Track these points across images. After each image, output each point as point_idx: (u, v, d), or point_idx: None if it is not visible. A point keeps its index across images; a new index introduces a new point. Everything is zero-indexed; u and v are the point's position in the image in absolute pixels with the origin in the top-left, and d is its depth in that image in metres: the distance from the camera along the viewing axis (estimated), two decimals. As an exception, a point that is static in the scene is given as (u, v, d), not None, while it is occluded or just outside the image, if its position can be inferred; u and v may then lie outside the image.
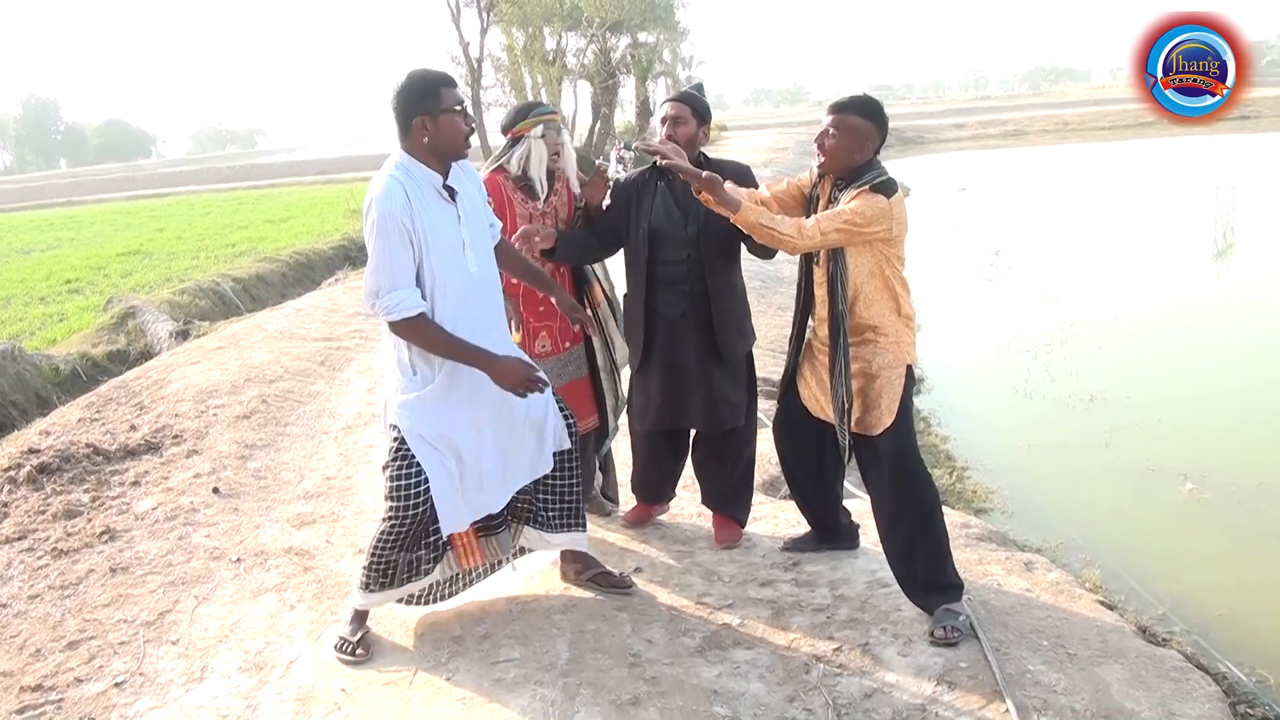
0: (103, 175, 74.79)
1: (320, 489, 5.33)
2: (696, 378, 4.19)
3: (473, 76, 27.21)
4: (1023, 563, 4.24)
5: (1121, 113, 45.69)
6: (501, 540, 3.75)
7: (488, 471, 3.56)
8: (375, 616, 3.79)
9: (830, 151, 3.63)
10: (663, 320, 4.19)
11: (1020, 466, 6.85)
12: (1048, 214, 19.22)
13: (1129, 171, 26.40)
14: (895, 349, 3.64)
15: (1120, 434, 7.08)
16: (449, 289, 3.35)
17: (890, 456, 3.64)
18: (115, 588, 4.30)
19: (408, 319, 3.25)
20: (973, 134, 48.65)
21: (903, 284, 3.68)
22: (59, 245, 24.48)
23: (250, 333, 9.20)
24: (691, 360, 4.18)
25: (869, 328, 3.64)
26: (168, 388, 7.13)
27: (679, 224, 4.10)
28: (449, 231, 3.36)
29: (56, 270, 18.49)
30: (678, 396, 4.23)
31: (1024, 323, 10.43)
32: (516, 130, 4.17)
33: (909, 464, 3.64)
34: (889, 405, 3.61)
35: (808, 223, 3.51)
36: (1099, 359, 8.97)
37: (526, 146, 4.16)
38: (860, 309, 3.64)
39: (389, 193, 3.23)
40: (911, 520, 3.63)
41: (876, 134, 3.63)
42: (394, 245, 3.21)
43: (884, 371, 3.63)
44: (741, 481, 4.44)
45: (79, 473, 5.54)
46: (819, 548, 4.24)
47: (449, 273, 3.34)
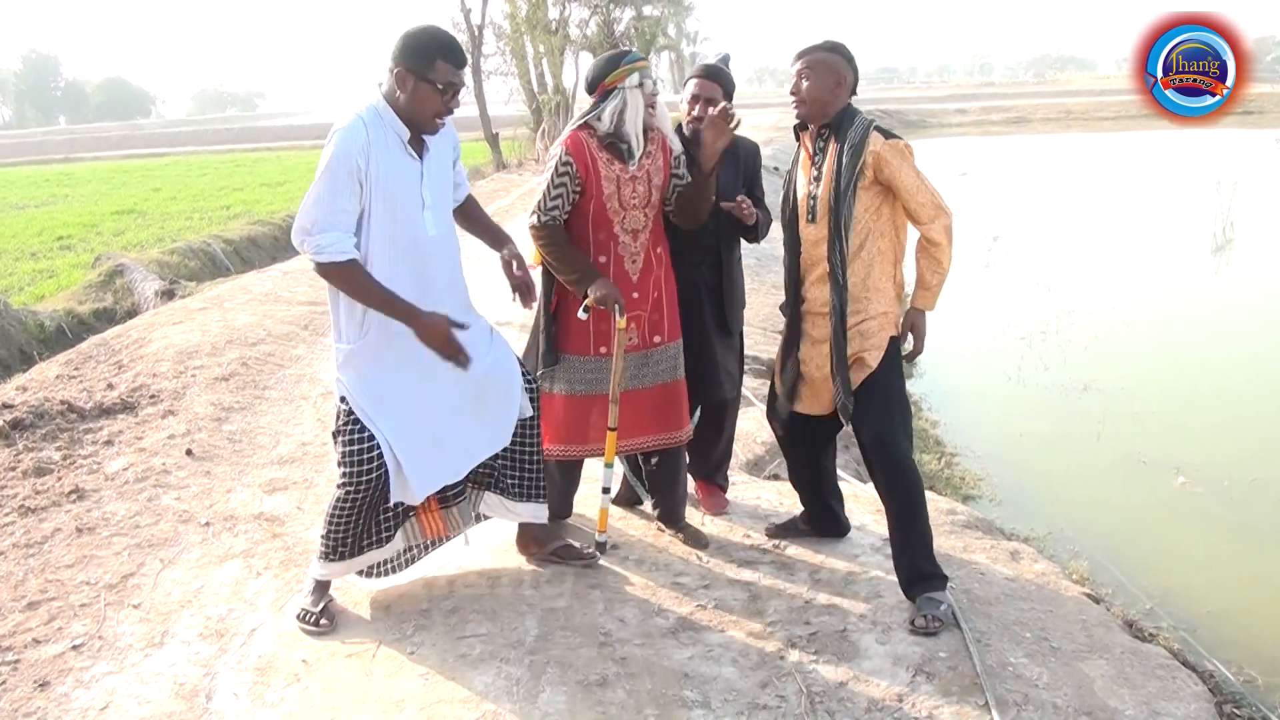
0: (101, 133, 74.25)
1: (295, 454, 5.22)
2: (700, 348, 4.07)
3: (473, 43, 26.88)
4: (1009, 552, 4.15)
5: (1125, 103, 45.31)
6: (462, 511, 3.66)
7: (445, 438, 3.43)
8: (340, 587, 3.68)
9: (807, 94, 3.51)
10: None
11: (1011, 454, 6.76)
12: (1047, 201, 19.07)
13: (1130, 162, 26.23)
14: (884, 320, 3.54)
15: (1113, 424, 6.99)
16: (400, 247, 3.21)
17: (870, 441, 3.53)
18: (80, 548, 4.19)
19: (336, 263, 3.09)
20: (975, 120, 48.34)
21: (902, 247, 3.59)
22: (54, 202, 24.28)
23: (235, 294, 9.07)
24: (697, 331, 4.06)
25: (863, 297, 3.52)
26: (148, 347, 7.01)
27: None
28: (408, 187, 3.22)
29: (49, 226, 18.32)
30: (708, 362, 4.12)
31: (1020, 310, 10.33)
32: (608, 82, 3.66)
33: (893, 452, 3.51)
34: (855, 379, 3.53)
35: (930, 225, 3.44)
36: (1094, 348, 8.87)
37: (620, 99, 3.65)
38: (858, 271, 3.51)
39: (351, 129, 3.10)
40: (895, 506, 3.54)
41: (848, 69, 3.52)
42: (340, 183, 3.07)
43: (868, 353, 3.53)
44: (726, 450, 4.39)
45: (52, 430, 5.42)
46: (805, 533, 4.14)
47: (401, 230, 3.21)
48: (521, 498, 3.76)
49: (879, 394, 3.51)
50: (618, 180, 3.71)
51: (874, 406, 3.50)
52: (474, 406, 3.50)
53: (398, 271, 3.21)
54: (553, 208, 3.71)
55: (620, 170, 3.71)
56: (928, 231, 3.47)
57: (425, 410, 3.37)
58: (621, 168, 3.71)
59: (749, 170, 4.16)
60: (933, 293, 3.54)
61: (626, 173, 3.71)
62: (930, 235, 3.47)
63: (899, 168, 3.43)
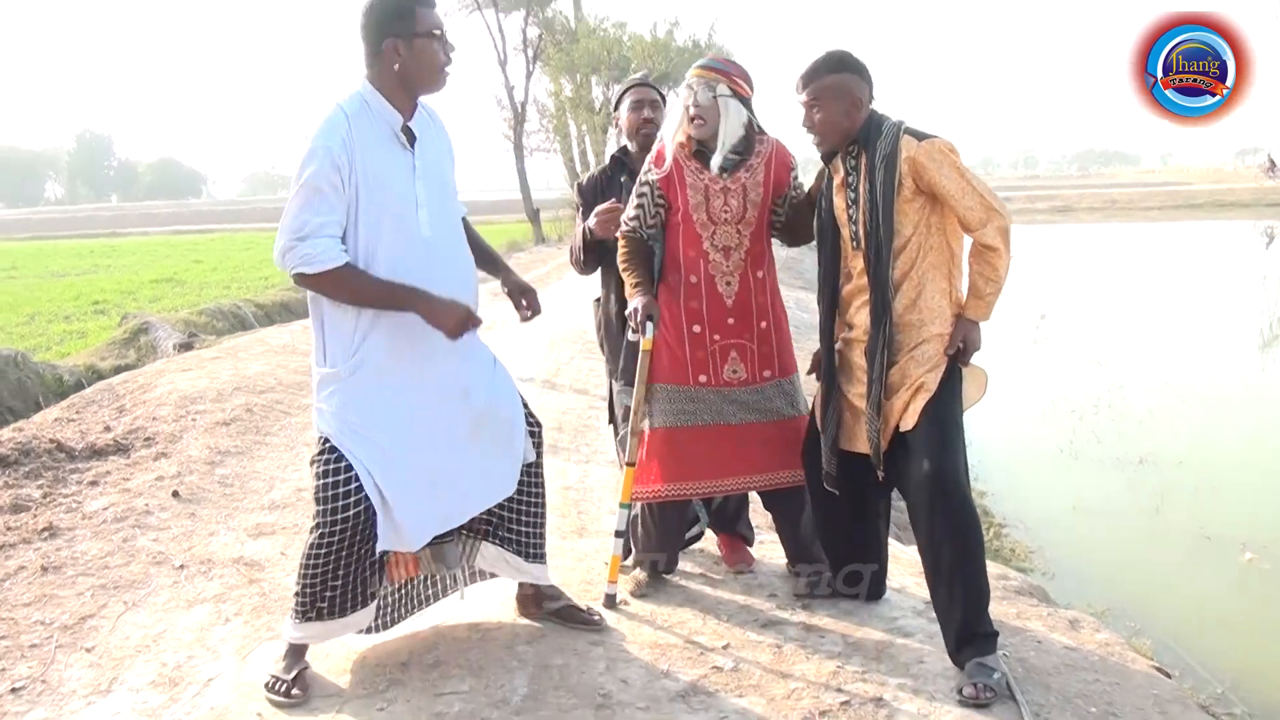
0: (149, 209, 75.80)
1: (288, 500, 4.86)
2: None
3: (516, 120, 27.11)
4: (1067, 620, 3.68)
5: (1171, 193, 45.15)
6: (445, 553, 3.23)
7: (440, 478, 3.02)
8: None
9: (822, 126, 3.14)
10: None
11: (1064, 526, 6.28)
12: (1094, 283, 18.66)
13: (1176, 251, 25.78)
14: (941, 341, 3.13)
15: (1172, 498, 6.50)
16: (392, 252, 2.84)
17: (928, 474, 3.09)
18: (42, 587, 3.83)
19: (328, 271, 2.73)
20: (1020, 208, 47.97)
21: (957, 257, 3.19)
22: (94, 271, 24.47)
23: (251, 345, 8.83)
24: None
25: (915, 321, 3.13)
26: (152, 392, 6.73)
27: None
28: (399, 184, 2.87)
29: (86, 292, 18.34)
30: None
31: (1070, 384, 9.89)
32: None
33: (949, 484, 3.07)
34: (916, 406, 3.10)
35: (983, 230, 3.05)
36: (1149, 423, 8.38)
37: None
38: (908, 293, 3.12)
39: (330, 122, 2.76)
40: (950, 552, 3.08)
41: (862, 84, 3.14)
42: (321, 189, 2.72)
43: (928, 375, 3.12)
44: (744, 497, 3.93)
45: (36, 468, 5.11)
46: (838, 595, 3.67)
47: (392, 233, 2.84)
48: (524, 554, 3.33)
49: (938, 421, 3.07)
50: (706, 191, 3.46)
51: (933, 435, 3.06)
52: (474, 444, 3.10)
53: (391, 277, 2.85)
54: (632, 218, 3.54)
55: (710, 180, 3.45)
56: (981, 237, 3.06)
57: (418, 444, 2.96)
58: (712, 178, 3.45)
59: None
60: (987, 303, 3.12)
61: (717, 184, 3.45)
62: (984, 240, 3.06)
63: (938, 171, 3.04)
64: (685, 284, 3.51)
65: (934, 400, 3.08)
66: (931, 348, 3.12)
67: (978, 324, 3.17)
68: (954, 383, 3.15)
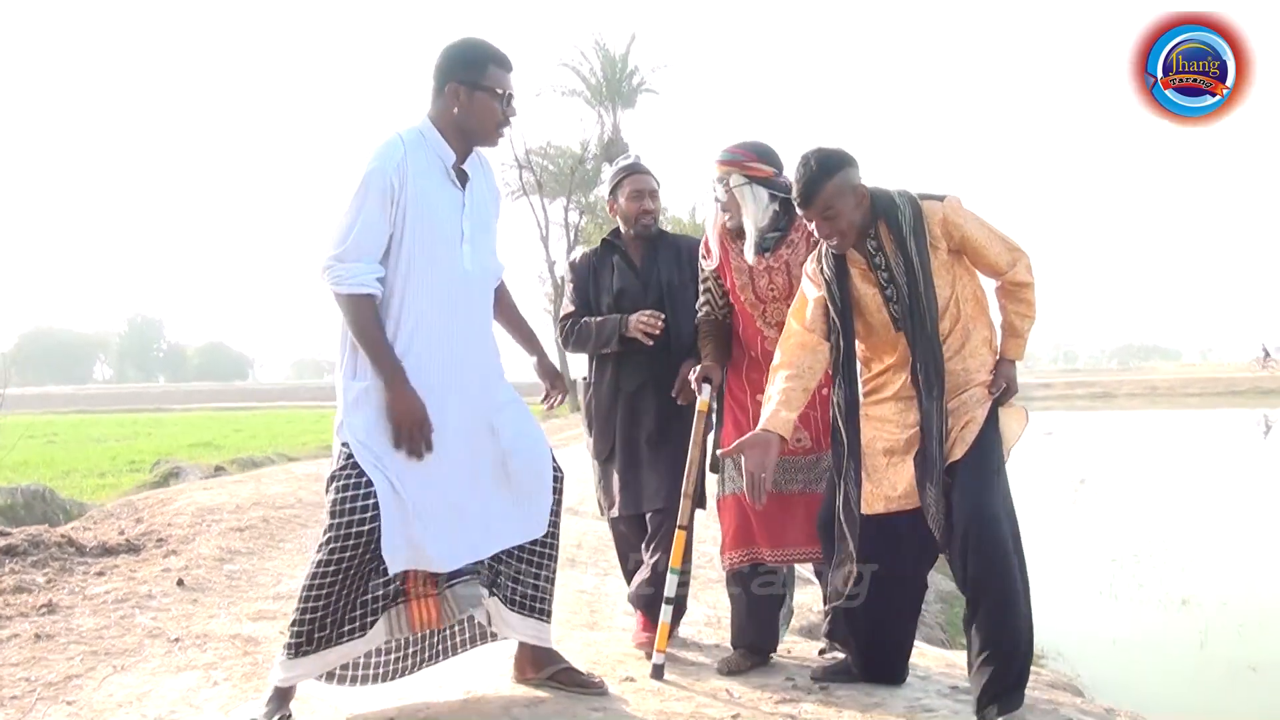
0: (195, 388, 77.16)
1: (294, 591, 4.71)
2: (653, 453, 3.80)
3: (556, 294, 27.79)
4: (1103, 708, 3.47)
5: (1212, 379, 44.91)
6: (462, 593, 3.11)
7: (467, 507, 2.96)
8: (303, 696, 3.10)
9: (841, 232, 3.10)
10: (622, 396, 3.88)
11: (1104, 660, 5.97)
12: (1134, 456, 18.35)
13: (1218, 434, 25.41)
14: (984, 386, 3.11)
15: (1217, 634, 6.19)
16: (433, 280, 2.90)
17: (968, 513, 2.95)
18: (33, 651, 3.71)
19: (354, 295, 2.81)
20: (1060, 394, 47.80)
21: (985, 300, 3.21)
22: (135, 438, 24.73)
23: (276, 473, 8.83)
24: (647, 435, 3.83)
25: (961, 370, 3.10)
26: (171, 505, 6.70)
27: (640, 294, 3.88)
28: (446, 215, 2.94)
29: (123, 454, 18.48)
30: (637, 477, 3.83)
31: (1110, 535, 9.58)
32: None
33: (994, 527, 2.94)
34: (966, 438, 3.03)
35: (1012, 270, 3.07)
36: (1191, 568, 8.06)
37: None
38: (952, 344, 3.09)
39: (388, 147, 2.88)
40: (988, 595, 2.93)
41: (853, 170, 3.11)
42: (372, 206, 2.81)
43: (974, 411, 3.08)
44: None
45: (44, 558, 5.03)
46: (857, 679, 3.47)
47: (436, 262, 2.91)
48: (524, 610, 3.19)
49: (979, 455, 3.01)
50: (750, 273, 3.56)
51: (973, 470, 2.99)
52: (502, 481, 3.07)
53: (427, 307, 2.91)
54: (703, 303, 3.74)
55: (756, 262, 3.53)
56: (1013, 276, 3.10)
57: (444, 472, 2.92)
58: (743, 261, 3.55)
59: (695, 263, 3.86)
60: (1024, 341, 3.17)
61: (761, 264, 3.53)
62: (1016, 279, 3.10)
63: (966, 223, 3.07)
64: (748, 358, 3.64)
65: (980, 433, 3.03)
66: (980, 392, 3.11)
67: (1014, 364, 3.14)
68: (995, 422, 3.10)
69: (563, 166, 30.53)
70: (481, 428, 3.04)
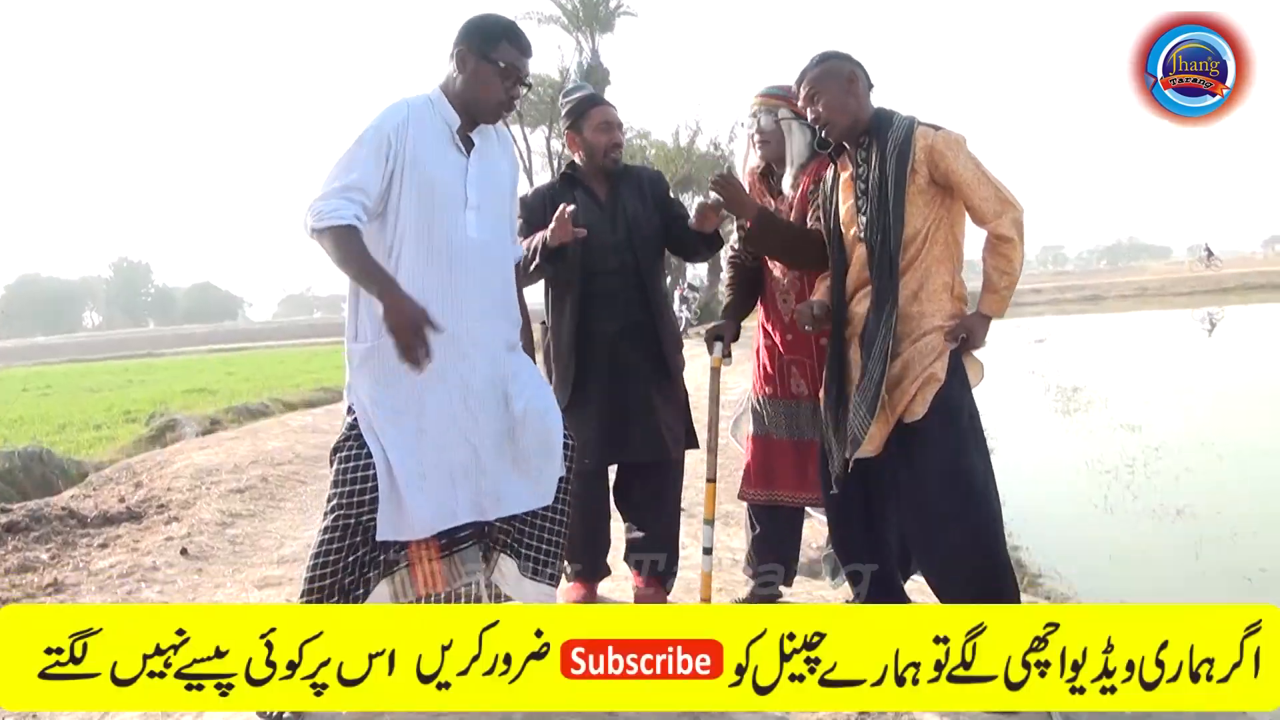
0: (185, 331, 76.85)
1: (298, 554, 4.76)
2: (638, 403, 3.67)
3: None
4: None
5: (1200, 279, 45.10)
6: (466, 558, 3.12)
7: (465, 472, 2.94)
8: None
9: (827, 109, 3.08)
10: (597, 343, 3.68)
11: (1102, 575, 6.03)
12: (1126, 359, 18.44)
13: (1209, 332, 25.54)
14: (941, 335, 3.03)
15: (1213, 545, 6.25)
16: (432, 245, 2.85)
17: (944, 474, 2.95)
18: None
19: (329, 227, 2.67)
20: (1050, 299, 47.92)
21: (961, 250, 3.13)
22: (128, 385, 24.69)
23: (272, 427, 8.85)
24: (633, 383, 3.68)
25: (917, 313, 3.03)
26: (169, 467, 6.71)
27: (607, 229, 3.68)
28: (448, 181, 2.88)
29: (118, 404, 18.45)
30: (618, 427, 3.66)
31: (1104, 447, 9.63)
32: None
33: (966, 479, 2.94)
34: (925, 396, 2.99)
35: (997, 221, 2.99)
36: (1186, 479, 8.12)
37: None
38: (910, 284, 3.03)
39: (392, 108, 2.84)
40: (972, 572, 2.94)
41: (852, 64, 3.12)
42: (364, 153, 2.75)
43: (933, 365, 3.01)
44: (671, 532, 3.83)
45: (46, 533, 5.06)
46: None
47: (434, 226, 2.84)
48: (532, 574, 3.20)
49: (951, 416, 2.97)
50: (779, 211, 3.56)
51: (947, 432, 2.96)
52: (510, 447, 3.04)
53: (426, 272, 2.84)
54: (735, 247, 3.73)
55: (776, 202, 3.60)
56: (996, 229, 2.99)
57: (445, 437, 2.91)
58: (776, 202, 3.60)
59: (657, 194, 3.85)
60: (1000, 298, 3.04)
61: (783, 204, 3.58)
62: (999, 232, 2.98)
63: (956, 159, 2.98)
64: (765, 302, 3.70)
65: (943, 390, 2.98)
66: (935, 339, 3.03)
67: (988, 319, 3.09)
68: (961, 374, 3.05)
69: (543, 95, 29.89)
70: (493, 395, 3.01)
